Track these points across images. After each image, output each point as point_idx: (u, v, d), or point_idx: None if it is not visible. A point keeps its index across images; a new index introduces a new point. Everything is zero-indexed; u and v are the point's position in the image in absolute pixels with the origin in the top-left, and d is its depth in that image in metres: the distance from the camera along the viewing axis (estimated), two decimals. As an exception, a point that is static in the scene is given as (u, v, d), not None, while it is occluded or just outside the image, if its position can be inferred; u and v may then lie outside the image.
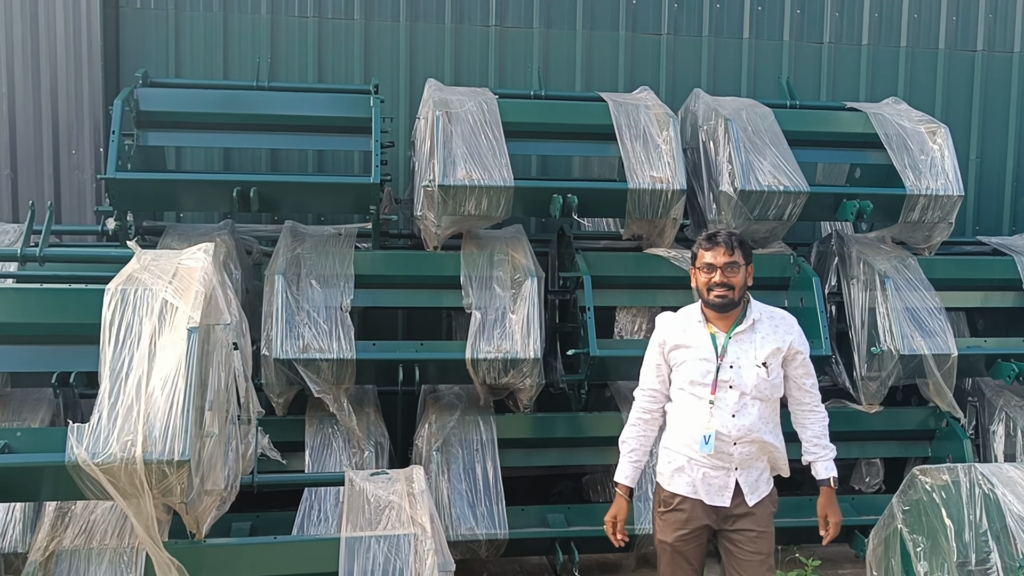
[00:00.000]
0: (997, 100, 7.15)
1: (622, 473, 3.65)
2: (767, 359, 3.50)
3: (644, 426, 3.65)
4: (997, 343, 5.58)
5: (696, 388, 3.48)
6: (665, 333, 3.61)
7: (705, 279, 3.52)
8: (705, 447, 3.45)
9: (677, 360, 3.55)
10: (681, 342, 3.55)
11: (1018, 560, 3.42)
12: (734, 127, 5.25)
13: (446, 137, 4.99)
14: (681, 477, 3.54)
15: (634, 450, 3.65)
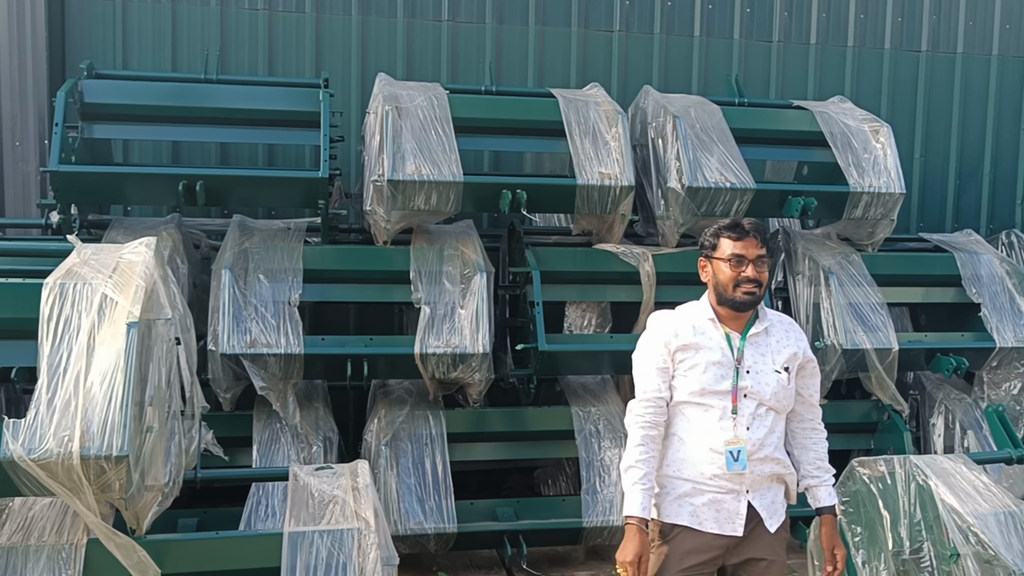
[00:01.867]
0: (941, 100, 7.29)
1: (637, 505, 2.97)
2: (787, 364, 3.13)
3: (653, 445, 3.05)
4: (937, 338, 5.71)
5: (708, 397, 3.05)
6: (671, 330, 3.11)
7: (733, 273, 3.05)
8: (735, 464, 3.01)
9: (685, 364, 3.08)
10: (691, 342, 3.08)
11: (949, 549, 3.51)
12: (682, 124, 5.30)
13: (395, 132, 4.99)
14: (683, 507, 3.07)
15: (646, 475, 3.01)
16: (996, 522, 3.58)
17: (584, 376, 5.65)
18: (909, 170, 7.08)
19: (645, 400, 3.08)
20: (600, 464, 5.18)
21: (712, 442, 3.03)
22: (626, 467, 3.04)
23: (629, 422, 3.09)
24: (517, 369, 5.35)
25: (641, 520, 2.95)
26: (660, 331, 3.13)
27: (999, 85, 7.39)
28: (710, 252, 3.13)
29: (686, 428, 3.08)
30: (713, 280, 3.11)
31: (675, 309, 3.22)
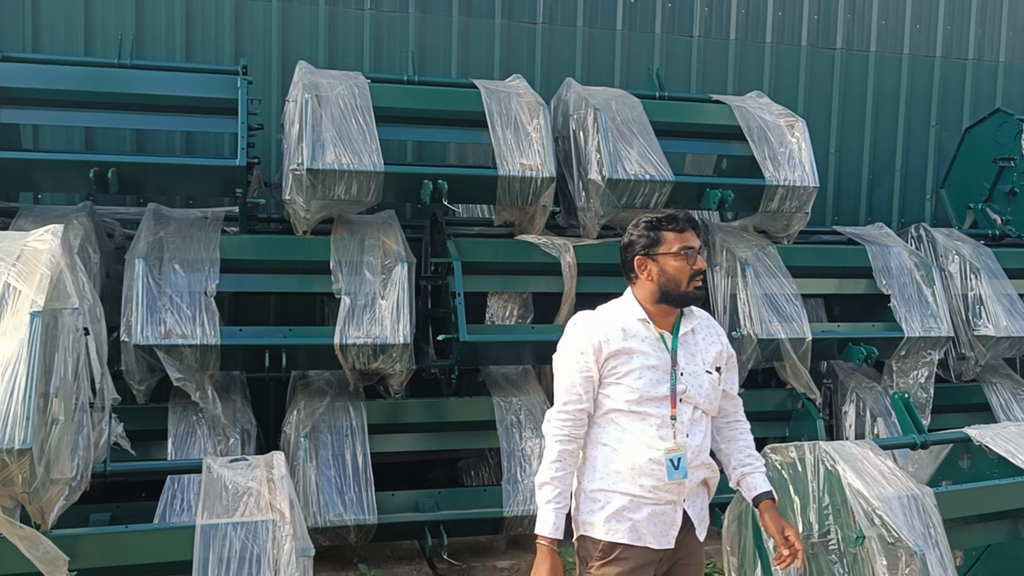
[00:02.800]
0: (855, 96, 7.48)
1: (549, 525, 2.81)
2: (716, 363, 3.03)
3: (571, 460, 2.87)
4: (849, 328, 5.87)
5: (645, 404, 2.88)
6: (599, 335, 2.89)
7: (685, 266, 2.91)
8: (676, 473, 2.87)
9: (618, 371, 2.88)
10: (623, 347, 2.89)
11: (856, 532, 3.61)
12: (603, 117, 5.35)
13: (315, 120, 4.94)
14: (621, 522, 2.89)
15: (561, 493, 2.84)
16: (900, 505, 3.69)
17: (506, 366, 5.68)
18: (824, 164, 7.27)
19: (565, 412, 2.89)
20: (521, 454, 5.21)
21: (652, 452, 2.87)
22: (541, 483, 2.86)
23: (547, 433, 2.91)
24: (439, 360, 5.35)
25: (553, 541, 2.81)
26: (587, 336, 2.90)
27: (910, 83, 7.62)
28: (652, 248, 2.93)
29: (620, 438, 2.89)
30: (659, 277, 2.92)
31: (596, 311, 3.00)
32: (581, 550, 2.97)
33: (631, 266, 2.99)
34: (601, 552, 2.90)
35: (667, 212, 3.00)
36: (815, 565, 3.79)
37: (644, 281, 2.96)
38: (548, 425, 2.92)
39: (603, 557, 2.90)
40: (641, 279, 2.96)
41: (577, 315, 3.02)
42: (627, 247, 3.00)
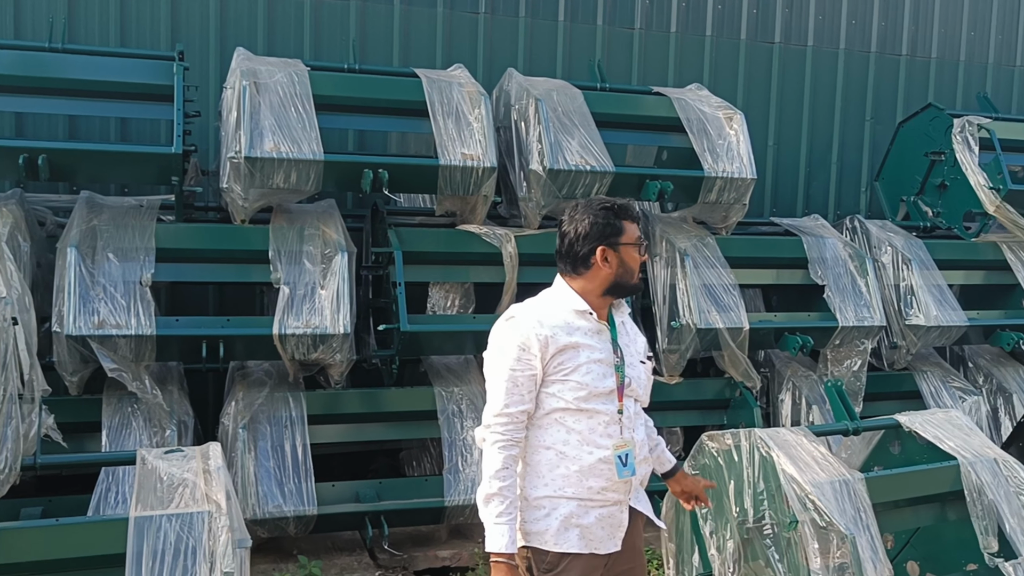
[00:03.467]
0: (793, 90, 7.60)
1: (505, 540, 2.64)
2: (647, 353, 2.99)
3: (515, 467, 2.72)
4: (785, 317, 5.97)
5: (592, 401, 2.76)
6: (545, 330, 2.73)
7: (638, 257, 2.84)
8: (625, 470, 2.77)
9: (565, 367, 2.74)
10: (570, 342, 2.75)
11: (789, 516, 3.68)
12: (544, 107, 5.37)
13: (253, 108, 4.88)
14: (570, 531, 2.75)
15: (511, 503, 2.67)
16: (832, 490, 3.78)
17: (448, 356, 5.67)
18: (763, 157, 7.37)
19: (507, 415, 2.70)
20: (463, 444, 5.21)
21: (601, 451, 2.75)
22: (487, 496, 2.67)
23: (487, 440, 2.71)
24: (380, 350, 5.32)
25: (510, 556, 2.65)
26: (530, 332, 2.72)
27: (846, 78, 7.76)
28: (615, 239, 2.79)
29: (566, 440, 2.76)
30: (618, 268, 2.80)
31: (532, 304, 2.83)
32: (524, 562, 2.78)
33: (586, 257, 2.78)
34: (549, 564, 2.75)
35: (614, 200, 2.86)
36: (750, 550, 3.86)
37: (599, 272, 2.79)
38: (487, 431, 2.72)
39: (551, 569, 2.76)
40: (595, 270, 2.79)
41: (512, 309, 2.82)
42: (583, 236, 2.78)
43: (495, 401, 2.73)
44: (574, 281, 2.83)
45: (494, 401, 2.74)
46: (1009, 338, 6.34)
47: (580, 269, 2.81)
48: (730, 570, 3.91)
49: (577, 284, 2.83)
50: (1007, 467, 4.23)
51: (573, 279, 2.84)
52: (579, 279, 2.82)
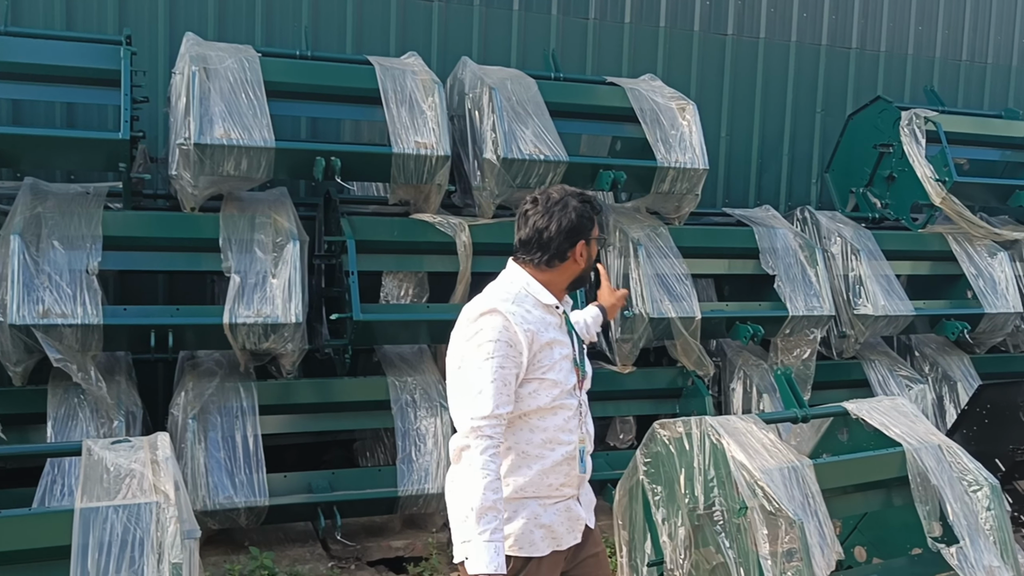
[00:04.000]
0: (745, 82, 7.66)
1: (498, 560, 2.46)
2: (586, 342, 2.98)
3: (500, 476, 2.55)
4: (737, 307, 6.04)
5: (562, 397, 2.69)
6: (530, 325, 2.62)
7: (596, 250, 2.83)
8: (582, 467, 2.75)
9: (543, 364, 2.65)
10: (549, 338, 2.66)
11: (739, 503, 3.73)
12: (498, 96, 5.35)
13: (203, 94, 4.80)
14: (535, 533, 2.68)
15: (501, 519, 2.52)
16: (781, 476, 3.83)
17: (401, 346, 5.65)
18: (716, 148, 7.43)
19: (496, 417, 2.53)
20: (416, 433, 5.19)
21: (564, 447, 2.69)
22: (479, 510, 2.45)
23: (473, 446, 2.51)
24: (332, 339, 5.28)
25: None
26: (516, 328, 2.58)
27: (797, 70, 7.84)
28: (590, 234, 2.75)
29: (530, 439, 2.67)
30: (586, 263, 2.77)
31: (501, 296, 2.67)
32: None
33: (564, 250, 2.71)
34: (513, 569, 2.63)
35: (583, 192, 2.78)
36: (700, 536, 3.90)
37: (572, 266, 2.73)
38: (472, 437, 2.52)
39: (515, 574, 2.65)
40: (570, 264, 2.73)
41: (488, 301, 2.64)
42: (566, 230, 2.69)
43: (483, 403, 2.53)
44: (542, 274, 2.72)
45: (481, 403, 2.54)
46: (954, 327, 6.46)
47: (555, 262, 2.71)
48: (681, 556, 3.95)
49: (544, 277, 2.72)
50: (951, 453, 4.32)
51: (541, 272, 2.72)
52: (549, 272, 2.72)
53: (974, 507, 4.20)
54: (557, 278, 2.73)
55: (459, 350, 2.65)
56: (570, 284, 2.78)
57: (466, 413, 2.55)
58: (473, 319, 2.62)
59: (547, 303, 2.70)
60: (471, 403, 2.55)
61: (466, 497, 2.49)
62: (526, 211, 2.75)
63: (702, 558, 3.88)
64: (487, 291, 2.73)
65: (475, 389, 2.55)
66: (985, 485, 4.21)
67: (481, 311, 2.61)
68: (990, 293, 6.59)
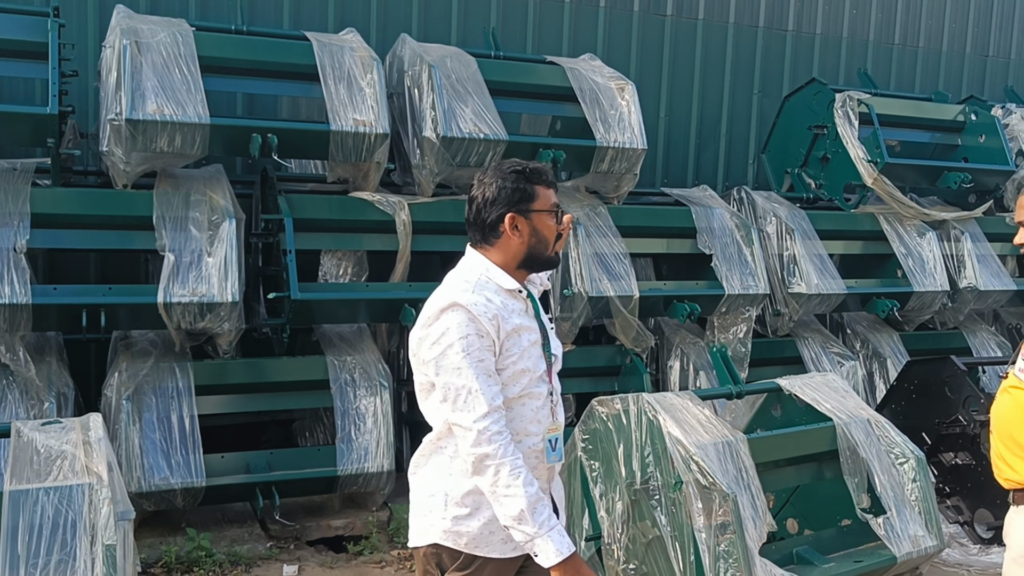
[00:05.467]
0: (684, 63, 7.72)
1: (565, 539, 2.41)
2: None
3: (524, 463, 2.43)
4: (674, 286, 6.11)
5: (532, 385, 2.54)
6: (495, 312, 2.47)
7: (554, 226, 2.57)
8: (553, 455, 2.59)
9: (512, 353, 2.50)
10: (516, 324, 2.51)
11: (674, 477, 3.79)
12: (438, 74, 5.33)
13: (135, 68, 4.70)
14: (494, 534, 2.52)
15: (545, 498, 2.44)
16: (715, 451, 3.90)
17: (340, 325, 5.62)
18: (655, 128, 7.48)
19: (495, 410, 2.41)
20: (356, 413, 5.18)
21: (531, 439, 2.54)
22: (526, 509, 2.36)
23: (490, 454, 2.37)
24: (270, 319, 5.23)
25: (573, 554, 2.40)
26: (481, 317, 2.44)
27: (735, 52, 7.92)
28: (525, 204, 2.52)
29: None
30: (531, 238, 2.54)
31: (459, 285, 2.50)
32: (434, 558, 2.56)
33: (495, 224, 2.53)
34: (462, 564, 2.53)
35: (527, 163, 2.58)
36: (637, 511, 3.96)
37: (509, 242, 2.53)
38: (483, 444, 2.38)
39: (464, 568, 2.53)
40: (506, 239, 2.53)
41: (446, 295, 2.47)
42: (491, 202, 2.52)
43: (477, 403, 2.40)
44: (488, 253, 2.57)
45: (476, 404, 2.40)
46: (884, 305, 6.62)
47: (490, 239, 2.55)
48: (619, 531, 4.00)
49: (495, 258, 2.56)
50: (879, 427, 4.44)
51: (486, 251, 2.57)
52: (491, 250, 2.56)
53: (901, 479, 4.33)
54: (502, 258, 2.55)
55: (429, 354, 2.48)
56: (522, 264, 2.57)
57: (465, 421, 2.41)
58: (435, 317, 2.46)
59: (509, 288, 2.54)
60: (465, 408, 2.41)
61: (513, 502, 2.37)
62: (470, 188, 2.64)
63: (639, 532, 3.94)
64: (446, 282, 2.57)
65: (464, 392, 2.41)
66: (911, 458, 4.34)
67: (441, 307, 2.46)
68: (919, 272, 6.76)
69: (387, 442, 5.11)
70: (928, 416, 5.49)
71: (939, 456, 5.47)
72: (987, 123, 7.20)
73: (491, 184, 2.53)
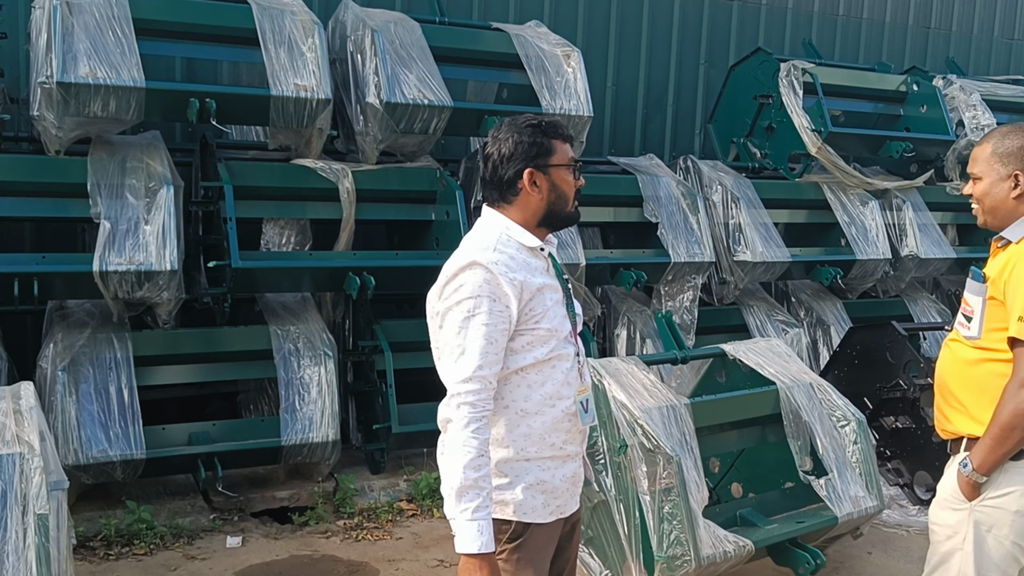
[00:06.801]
0: (631, 33, 7.70)
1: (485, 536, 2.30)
2: None
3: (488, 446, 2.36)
4: (621, 254, 6.12)
5: (559, 347, 2.46)
6: (517, 275, 2.38)
7: (572, 181, 2.50)
8: (587, 417, 2.54)
9: (536, 314, 2.41)
10: (539, 284, 2.43)
11: (619, 441, 3.80)
12: (381, 39, 5.24)
13: (66, 30, 4.56)
14: (537, 497, 2.47)
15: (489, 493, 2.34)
16: (660, 415, 3.92)
17: (284, 294, 5.54)
18: (602, 98, 7.46)
19: (480, 379, 2.33)
20: (300, 383, 5.12)
21: (565, 402, 2.47)
22: (459, 489, 2.29)
23: (455, 418, 2.32)
24: (211, 288, 5.14)
25: (489, 555, 2.31)
26: (501, 278, 2.35)
27: (681, 22, 7.91)
28: (544, 158, 2.45)
29: (527, 395, 2.45)
30: (550, 194, 2.46)
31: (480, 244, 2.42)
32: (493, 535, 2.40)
33: (512, 181, 2.45)
34: (514, 533, 2.47)
35: (542, 116, 2.52)
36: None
37: (529, 199, 2.45)
38: (452, 407, 2.33)
39: (516, 538, 2.47)
40: (525, 196, 2.45)
41: (466, 254, 2.40)
42: (508, 157, 2.45)
43: (464, 365, 2.33)
44: (506, 211, 2.48)
45: (462, 366, 2.34)
46: (828, 273, 6.70)
47: (508, 196, 2.47)
48: (564, 496, 4.00)
49: (514, 216, 2.48)
50: (821, 391, 4.49)
51: (504, 209, 2.48)
52: (509, 208, 2.48)
53: (842, 441, 4.39)
54: (520, 215, 2.47)
55: (439, 308, 2.43)
56: (542, 221, 2.49)
57: (449, 378, 2.37)
58: (452, 276, 2.39)
59: (531, 246, 2.45)
60: (452, 367, 2.36)
61: (448, 475, 2.32)
62: (483, 144, 2.55)
63: (584, 496, 3.95)
64: (464, 243, 2.49)
65: (457, 351, 2.35)
66: (852, 420, 4.40)
67: (460, 266, 2.38)
68: (861, 240, 6.84)
69: (332, 412, 5.05)
70: (870, 381, 5.57)
71: (880, 420, 5.56)
72: (928, 94, 7.28)
73: (507, 139, 2.46)
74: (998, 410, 2.68)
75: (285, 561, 4.57)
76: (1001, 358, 2.75)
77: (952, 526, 2.81)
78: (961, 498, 2.79)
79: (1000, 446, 2.68)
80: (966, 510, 2.78)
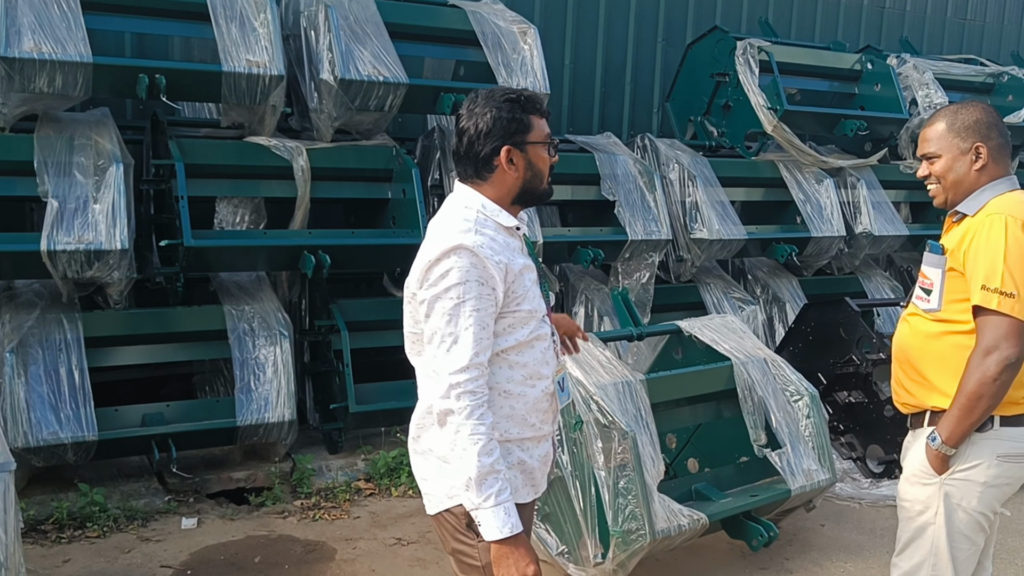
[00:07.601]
0: (588, 11, 7.67)
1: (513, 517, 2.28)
2: None
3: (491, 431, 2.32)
4: (579, 232, 6.12)
5: (539, 327, 2.44)
6: (502, 256, 2.34)
7: (549, 158, 2.45)
8: (563, 395, 2.55)
9: (518, 295, 2.38)
10: (522, 264, 2.39)
11: (575, 418, 3.81)
12: (335, 15, 5.18)
13: (9, 3, 4.45)
14: (518, 477, 2.47)
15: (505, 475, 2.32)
16: (615, 391, 3.93)
17: (239, 274, 5.47)
18: (560, 76, 7.44)
19: (477, 366, 2.29)
20: (255, 363, 5.07)
21: (543, 382, 2.46)
22: (477, 478, 2.25)
23: (456, 409, 2.27)
24: (163, 267, 5.06)
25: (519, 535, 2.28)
26: (487, 262, 2.29)
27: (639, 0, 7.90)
28: (523, 136, 2.37)
29: (510, 376, 2.41)
30: (526, 172, 2.40)
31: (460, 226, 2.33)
32: (465, 519, 2.39)
33: (488, 158, 2.37)
34: None
35: (520, 91, 2.43)
36: (539, 452, 3.98)
37: (504, 177, 2.39)
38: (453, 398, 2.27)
39: None
40: (500, 173, 2.38)
41: (449, 237, 2.30)
42: (485, 133, 2.36)
43: (459, 354, 2.27)
44: (480, 188, 2.41)
45: (457, 355, 2.27)
46: (783, 251, 6.76)
47: (483, 173, 2.39)
48: (521, 473, 4.01)
49: (484, 192, 2.41)
50: (775, 366, 4.54)
51: (478, 186, 2.41)
52: (484, 185, 2.40)
53: (795, 416, 4.44)
54: (496, 193, 2.40)
55: (424, 295, 2.34)
56: (520, 198, 2.45)
57: (443, 369, 2.29)
58: (436, 260, 2.30)
59: (508, 225, 2.40)
60: (446, 357, 2.29)
61: (462, 467, 2.27)
62: (457, 117, 2.46)
63: (540, 473, 3.96)
64: (441, 223, 2.38)
65: (448, 340, 2.29)
66: (805, 395, 4.46)
67: (444, 249, 2.29)
68: (816, 218, 6.91)
69: (288, 392, 5.02)
70: (824, 357, 5.64)
71: (834, 395, 5.64)
72: (883, 72, 7.35)
73: (484, 114, 2.37)
74: (963, 380, 2.68)
75: (241, 542, 4.54)
76: (962, 330, 2.75)
77: (923, 501, 2.82)
78: (930, 472, 2.79)
79: (967, 416, 2.68)
80: (936, 484, 2.78)
